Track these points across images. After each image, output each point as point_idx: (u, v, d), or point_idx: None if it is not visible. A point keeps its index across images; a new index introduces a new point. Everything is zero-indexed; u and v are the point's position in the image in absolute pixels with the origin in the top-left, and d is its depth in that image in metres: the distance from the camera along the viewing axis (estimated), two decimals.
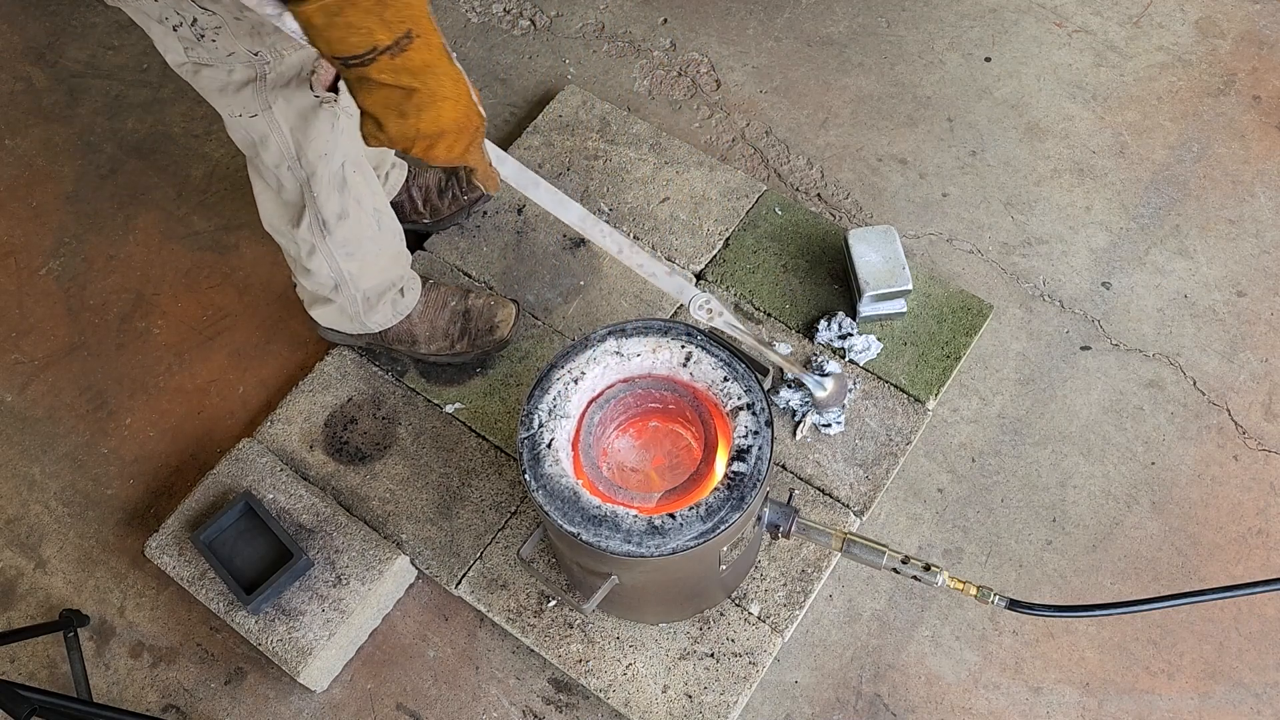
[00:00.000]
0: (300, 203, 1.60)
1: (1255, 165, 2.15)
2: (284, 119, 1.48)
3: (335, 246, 1.67)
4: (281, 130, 1.49)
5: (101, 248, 2.20)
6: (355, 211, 1.65)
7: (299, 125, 1.50)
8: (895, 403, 1.86)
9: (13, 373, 2.08)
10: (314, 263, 1.69)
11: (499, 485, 1.82)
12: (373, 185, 1.69)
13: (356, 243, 1.69)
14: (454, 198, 2.05)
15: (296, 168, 1.54)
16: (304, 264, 1.71)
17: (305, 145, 1.53)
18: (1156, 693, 1.68)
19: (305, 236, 1.65)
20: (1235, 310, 2.00)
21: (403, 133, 1.15)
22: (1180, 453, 1.87)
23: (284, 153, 1.52)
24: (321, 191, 1.59)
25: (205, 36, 1.34)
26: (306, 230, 1.64)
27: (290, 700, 1.74)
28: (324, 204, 1.60)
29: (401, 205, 2.02)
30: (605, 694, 1.65)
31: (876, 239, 1.89)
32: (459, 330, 1.88)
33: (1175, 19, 2.35)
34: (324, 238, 1.65)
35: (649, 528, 1.34)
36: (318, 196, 1.59)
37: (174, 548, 1.76)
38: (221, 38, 1.34)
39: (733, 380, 1.43)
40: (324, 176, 1.57)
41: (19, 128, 2.38)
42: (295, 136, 1.51)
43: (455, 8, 2.46)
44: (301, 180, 1.57)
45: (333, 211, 1.62)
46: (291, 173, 1.55)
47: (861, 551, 1.48)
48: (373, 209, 1.68)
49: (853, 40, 2.36)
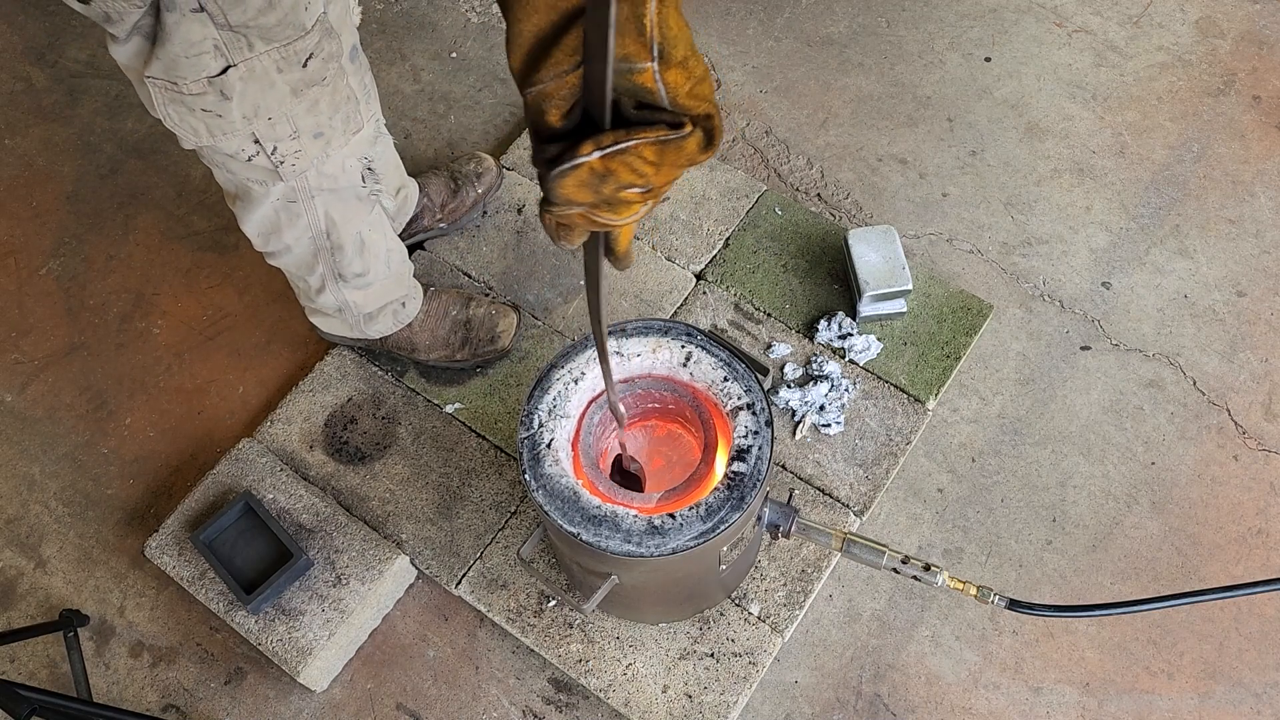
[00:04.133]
0: (313, 261, 1.60)
1: (1255, 165, 2.15)
2: (323, 204, 1.49)
3: (345, 288, 1.69)
4: (316, 210, 1.50)
5: (101, 248, 2.20)
6: (373, 265, 1.67)
7: (337, 208, 1.51)
8: (895, 403, 1.86)
9: (13, 373, 2.08)
10: (322, 297, 1.71)
11: (499, 485, 1.82)
12: (385, 230, 1.70)
13: (366, 284, 1.70)
14: (469, 196, 2.03)
15: (322, 239, 1.55)
16: (310, 295, 1.73)
17: (340, 225, 1.53)
18: (1156, 693, 1.68)
19: (316, 282, 1.67)
20: (1235, 310, 2.00)
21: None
22: (1180, 453, 1.87)
23: (310, 227, 1.53)
24: (345, 260, 1.60)
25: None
26: (318, 279, 1.65)
27: (290, 700, 1.74)
28: (346, 268, 1.62)
29: (421, 217, 2.02)
30: (605, 694, 1.65)
31: (876, 239, 1.89)
32: (460, 340, 1.88)
33: (1175, 19, 2.35)
34: (337, 285, 1.67)
35: (649, 528, 1.34)
36: (340, 263, 1.60)
37: (174, 548, 1.76)
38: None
39: (733, 380, 1.43)
40: (350, 249, 1.59)
41: (19, 128, 2.37)
42: (329, 218, 1.51)
43: (455, 8, 2.46)
44: (323, 248, 1.57)
45: (354, 272, 1.65)
46: (314, 242, 1.56)
47: (861, 551, 1.48)
48: (384, 251, 1.69)
49: (853, 40, 2.36)
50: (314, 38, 1.23)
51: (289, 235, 1.53)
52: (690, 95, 0.79)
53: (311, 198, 1.47)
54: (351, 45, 1.35)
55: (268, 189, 1.44)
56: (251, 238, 1.56)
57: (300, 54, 1.23)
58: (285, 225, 1.51)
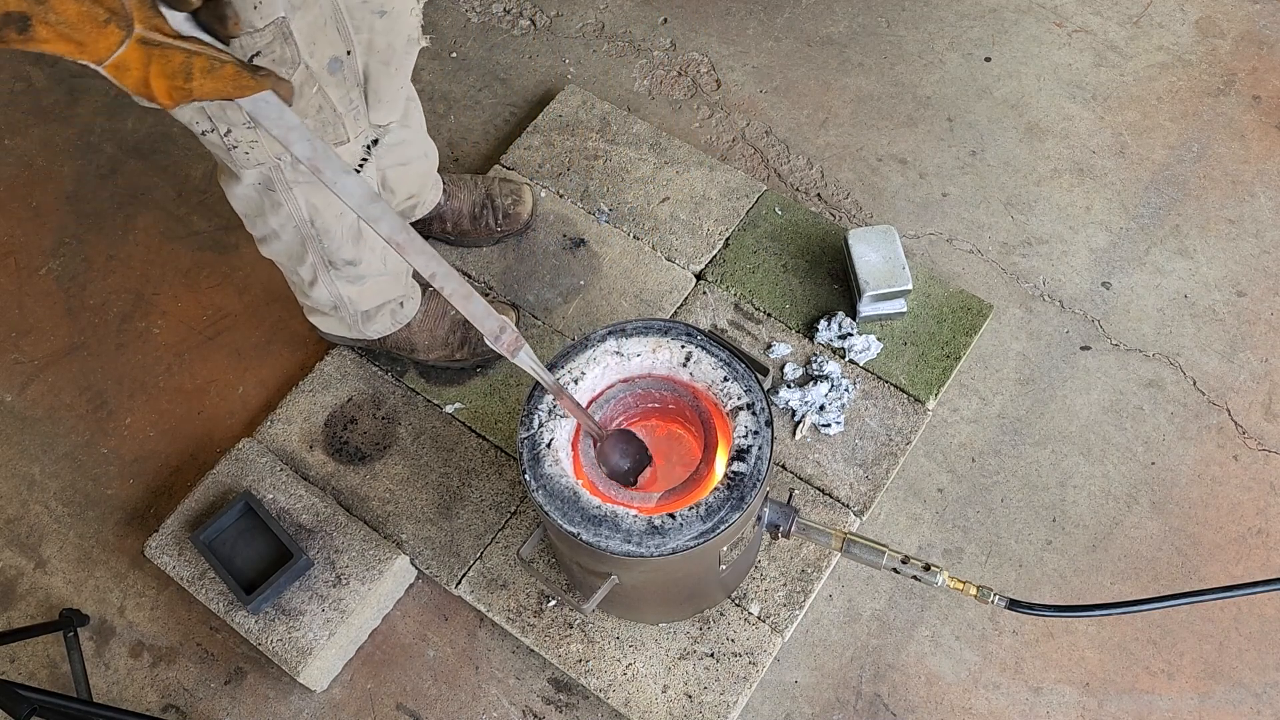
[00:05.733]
0: (301, 250, 1.60)
1: (1255, 165, 2.15)
2: (302, 194, 1.49)
3: (340, 280, 1.68)
4: (297, 200, 1.49)
5: (101, 248, 2.20)
6: (367, 256, 1.66)
7: (318, 195, 1.50)
8: (895, 403, 1.86)
9: (13, 373, 2.08)
10: (315, 290, 1.70)
11: (499, 485, 1.82)
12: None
13: (361, 278, 1.70)
14: (486, 227, 2.01)
15: (306, 226, 1.55)
16: (304, 290, 1.72)
17: (323, 210, 1.53)
18: (1156, 693, 1.68)
19: (308, 274, 1.66)
20: (1235, 310, 2.00)
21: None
22: (1180, 453, 1.87)
23: (293, 216, 1.52)
24: (333, 244, 1.59)
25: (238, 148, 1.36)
26: (309, 269, 1.65)
27: (290, 700, 1.74)
28: (335, 254, 1.61)
29: (429, 223, 2.01)
30: (605, 694, 1.65)
31: (876, 239, 1.89)
32: (459, 340, 1.88)
33: (1175, 19, 2.35)
34: (329, 275, 1.66)
35: (649, 528, 1.34)
36: (328, 248, 1.60)
37: (174, 548, 1.76)
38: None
39: (733, 380, 1.43)
40: (338, 233, 1.58)
41: (19, 128, 2.38)
42: (311, 206, 1.51)
43: (455, 8, 2.46)
44: (310, 236, 1.57)
45: (344, 259, 1.64)
46: (299, 230, 1.55)
47: (861, 551, 1.48)
48: (382, 247, 1.69)
49: (853, 40, 2.36)
50: (265, 37, 1.23)
51: (274, 221, 1.53)
52: None
53: (289, 188, 1.46)
54: (332, 58, 1.33)
55: (239, 170, 1.44)
56: (241, 217, 1.57)
57: (245, 49, 1.23)
58: (269, 210, 1.51)
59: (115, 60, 0.92)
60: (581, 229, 2.06)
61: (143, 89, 0.96)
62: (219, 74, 0.98)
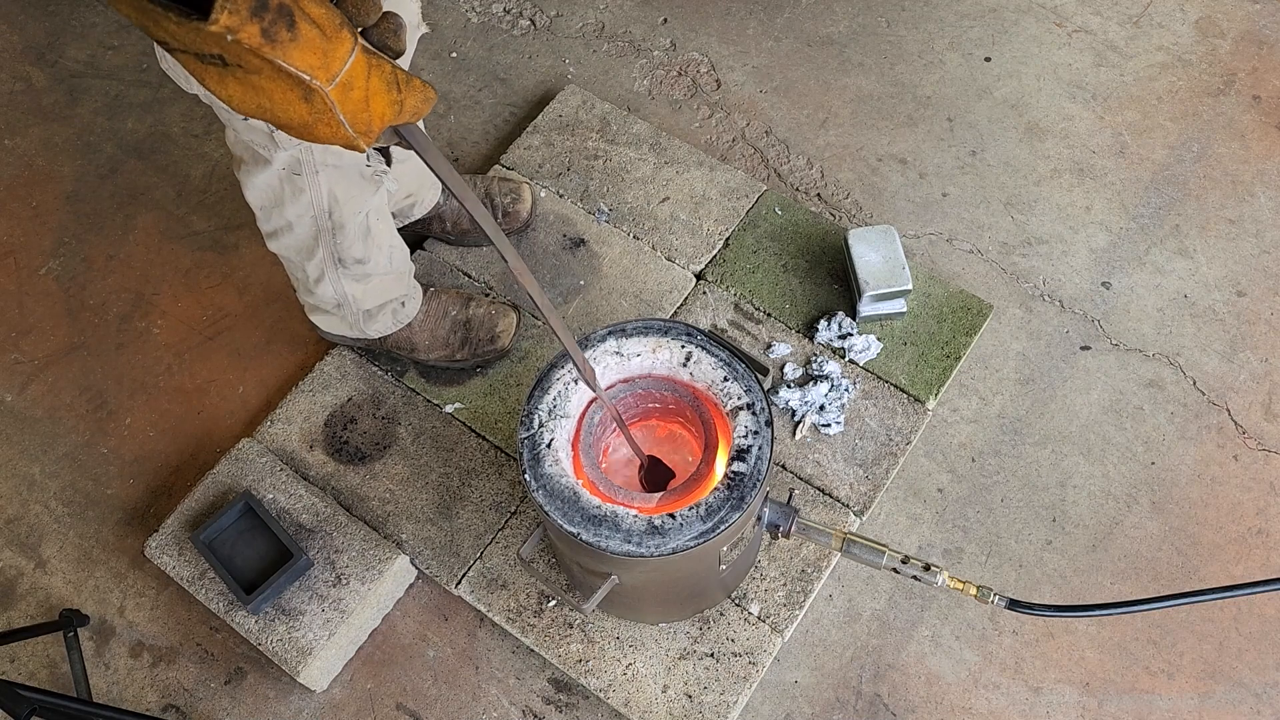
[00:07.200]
0: (313, 244, 1.60)
1: (1255, 165, 2.15)
2: (326, 181, 1.49)
3: (345, 278, 1.68)
4: (320, 187, 1.49)
5: (101, 248, 2.20)
6: (375, 254, 1.66)
7: (340, 186, 1.50)
8: (895, 403, 1.86)
9: (13, 373, 2.08)
10: (320, 287, 1.70)
11: (499, 485, 1.82)
12: (390, 223, 1.70)
13: (367, 276, 1.70)
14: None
15: (324, 218, 1.54)
16: (309, 287, 1.72)
17: (342, 203, 1.53)
18: (1156, 693, 1.68)
19: (314, 270, 1.66)
20: (1235, 310, 2.00)
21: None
22: (1180, 453, 1.87)
23: (312, 205, 1.52)
24: (345, 240, 1.60)
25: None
26: (317, 266, 1.65)
27: (290, 700, 1.74)
28: (346, 250, 1.62)
29: (429, 222, 2.01)
30: (605, 694, 1.65)
31: (876, 239, 1.89)
32: (459, 340, 1.88)
33: (1175, 19, 2.35)
34: (336, 272, 1.66)
35: (649, 528, 1.34)
36: (340, 244, 1.60)
37: (174, 547, 1.76)
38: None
39: (733, 380, 1.43)
40: (351, 229, 1.58)
41: (19, 128, 2.37)
42: (332, 195, 1.51)
43: (455, 8, 2.46)
44: (325, 229, 1.57)
45: (353, 257, 1.64)
46: (315, 222, 1.55)
47: (861, 551, 1.48)
48: (388, 246, 1.69)
49: (853, 40, 2.36)
50: None
51: (291, 211, 1.53)
52: None
53: (316, 172, 1.46)
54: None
55: (271, 154, 1.43)
56: (255, 210, 1.56)
57: None
58: (288, 199, 1.51)
59: (345, 76, 0.81)
60: (581, 229, 2.06)
61: (362, 110, 0.84)
62: (412, 85, 0.88)
